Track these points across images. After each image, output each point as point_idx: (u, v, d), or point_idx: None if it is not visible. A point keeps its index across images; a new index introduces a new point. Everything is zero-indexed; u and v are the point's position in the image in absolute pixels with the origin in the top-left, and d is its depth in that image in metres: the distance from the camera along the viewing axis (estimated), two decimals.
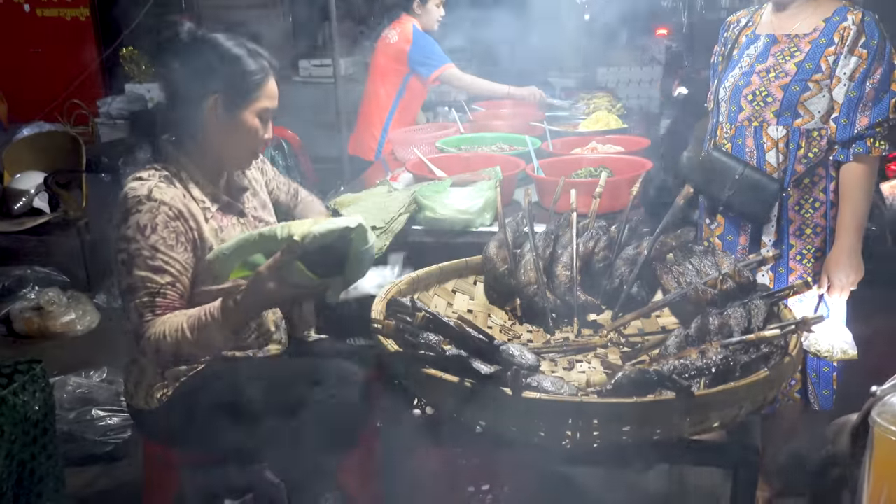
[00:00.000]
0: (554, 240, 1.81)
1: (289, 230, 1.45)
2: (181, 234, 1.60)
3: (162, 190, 1.60)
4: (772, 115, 2.01)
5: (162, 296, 1.57)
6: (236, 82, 1.64)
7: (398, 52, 3.65)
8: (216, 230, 1.69)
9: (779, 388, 1.25)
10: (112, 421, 2.66)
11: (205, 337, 1.52)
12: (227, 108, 1.65)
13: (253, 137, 1.69)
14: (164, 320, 1.55)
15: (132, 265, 1.56)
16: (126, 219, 1.57)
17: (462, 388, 1.19)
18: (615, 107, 3.58)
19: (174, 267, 1.59)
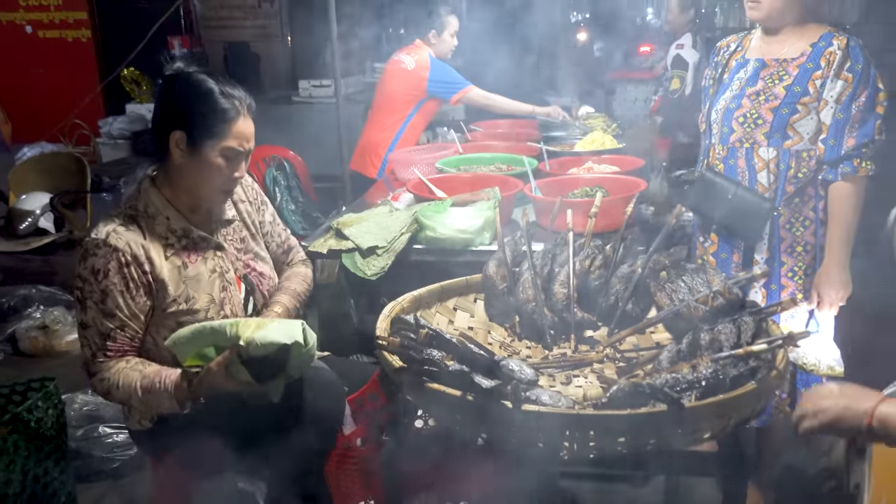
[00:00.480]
0: (551, 258, 1.87)
1: (236, 330, 1.56)
2: (131, 280, 1.66)
3: (119, 235, 1.65)
4: (762, 136, 2.09)
5: (112, 339, 1.67)
6: (201, 120, 1.67)
7: (415, 78, 3.77)
8: (179, 267, 1.74)
9: (766, 400, 1.31)
10: (118, 438, 2.70)
11: (154, 401, 1.64)
12: (190, 145, 1.68)
13: (217, 176, 1.71)
14: (118, 369, 1.65)
15: (85, 305, 1.66)
16: (84, 259, 1.65)
17: (464, 401, 1.25)
18: (610, 127, 3.66)
19: (123, 312, 1.66)
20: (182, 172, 1.72)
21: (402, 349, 1.35)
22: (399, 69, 3.84)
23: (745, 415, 1.27)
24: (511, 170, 2.96)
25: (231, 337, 1.56)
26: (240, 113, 1.71)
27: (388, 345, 1.37)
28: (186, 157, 1.70)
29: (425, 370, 1.31)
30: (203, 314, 1.75)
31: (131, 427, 1.79)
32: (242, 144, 1.72)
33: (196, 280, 1.74)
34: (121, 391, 1.65)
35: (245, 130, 1.72)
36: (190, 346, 1.62)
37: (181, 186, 1.75)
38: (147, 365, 1.69)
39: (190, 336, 1.62)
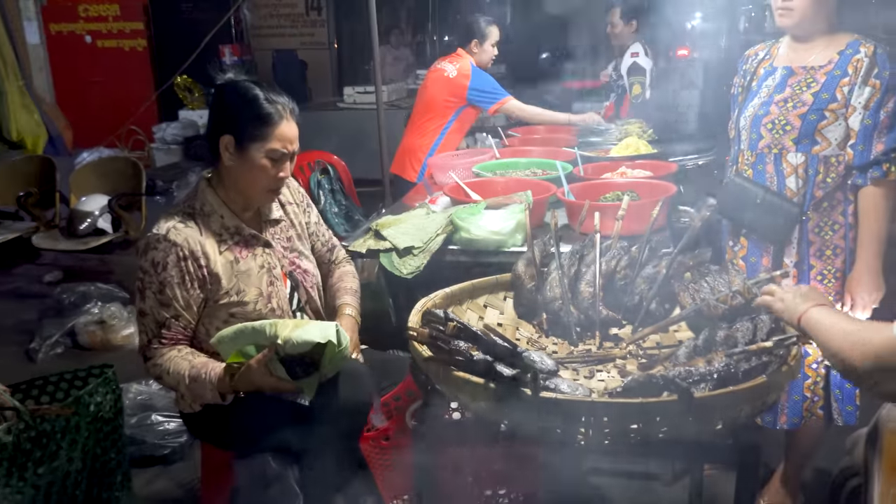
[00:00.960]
0: (579, 259, 1.94)
1: (275, 330, 1.69)
2: (187, 274, 1.80)
3: (178, 231, 1.80)
4: (790, 142, 2.12)
5: (166, 327, 1.81)
6: (246, 124, 1.81)
7: (456, 86, 3.89)
8: (231, 262, 1.88)
9: (777, 393, 1.37)
10: (170, 426, 2.85)
11: (199, 391, 1.78)
12: (237, 148, 1.82)
13: (263, 176, 1.84)
14: (170, 357, 1.80)
15: (144, 294, 1.81)
16: (146, 252, 1.80)
17: (487, 388, 1.34)
18: (646, 133, 3.70)
19: (178, 302, 1.80)
20: (232, 174, 1.86)
21: (431, 340, 1.45)
22: (441, 77, 3.96)
23: (756, 407, 1.33)
24: (545, 174, 3.04)
25: (270, 336, 1.68)
26: (283, 117, 1.83)
27: (418, 335, 1.47)
28: (235, 160, 1.83)
29: (452, 359, 1.40)
30: (252, 306, 1.88)
31: (182, 409, 1.93)
32: (286, 146, 1.84)
33: (246, 274, 1.88)
34: (170, 377, 1.79)
35: (288, 133, 1.84)
36: (232, 344, 1.75)
37: (233, 187, 1.89)
38: (196, 356, 1.82)
39: (232, 335, 1.75)
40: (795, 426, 2.26)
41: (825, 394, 2.22)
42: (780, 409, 2.24)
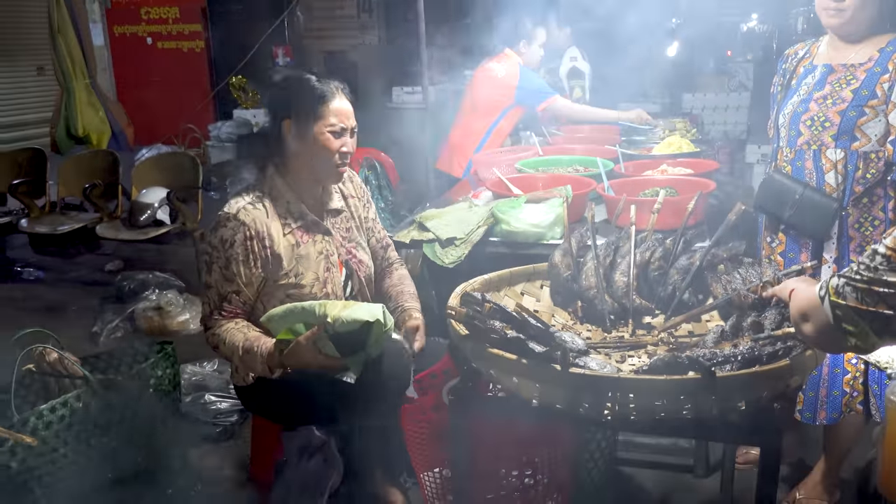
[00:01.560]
0: (614, 250, 2.01)
1: (325, 309, 1.78)
2: (251, 253, 1.93)
3: (247, 212, 1.92)
4: (830, 138, 2.15)
5: (228, 301, 1.94)
6: (303, 105, 1.94)
7: (505, 86, 3.98)
8: (293, 245, 1.99)
9: (801, 377, 1.41)
10: (222, 406, 3.01)
11: (250, 363, 1.89)
12: (298, 129, 1.95)
13: (327, 152, 1.96)
14: (227, 328, 1.92)
15: (211, 268, 1.93)
16: (216, 229, 1.93)
17: (519, 364, 1.42)
18: (689, 132, 3.72)
19: (241, 279, 1.93)
20: (299, 157, 1.98)
21: (468, 319, 1.54)
22: (489, 77, 4.05)
23: (778, 389, 1.38)
24: (587, 171, 3.10)
25: (319, 315, 1.78)
26: (335, 94, 1.96)
27: (457, 315, 1.56)
28: (299, 141, 1.96)
29: (487, 337, 1.48)
30: (308, 289, 2.00)
31: (237, 383, 2.06)
32: (343, 121, 1.97)
33: (306, 258, 2.00)
34: (226, 347, 1.92)
35: (343, 108, 1.97)
36: (282, 322, 1.86)
37: (299, 171, 2.01)
38: (251, 329, 1.94)
39: (282, 314, 1.86)
40: (834, 421, 2.27)
41: (864, 389, 2.23)
42: (820, 405, 2.26)
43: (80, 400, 1.93)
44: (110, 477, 1.97)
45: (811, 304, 1.21)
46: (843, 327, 1.13)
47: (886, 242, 1.08)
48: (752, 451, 2.61)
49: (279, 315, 1.86)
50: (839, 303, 1.12)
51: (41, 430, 1.84)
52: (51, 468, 1.87)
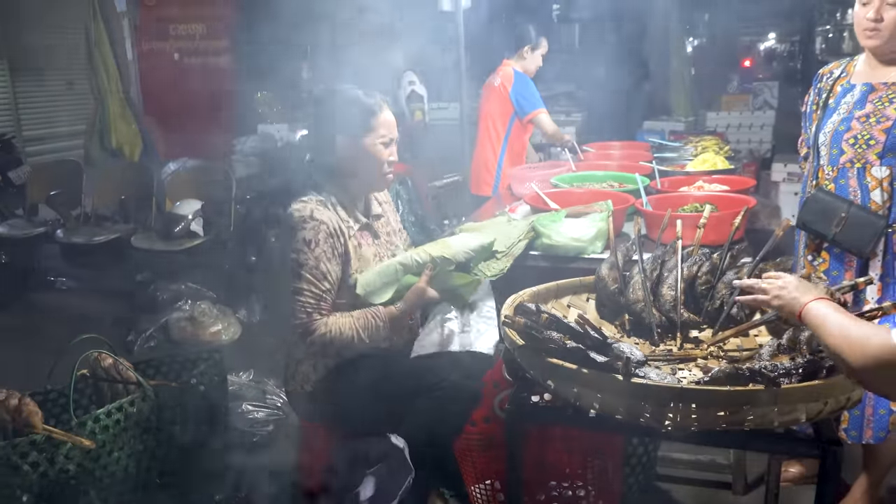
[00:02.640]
0: (661, 264, 2.03)
1: (427, 254, 2.00)
2: (336, 249, 1.99)
3: (320, 212, 1.99)
4: (875, 156, 2.16)
5: (324, 300, 1.97)
6: (356, 120, 2.04)
7: (502, 94, 4.04)
8: (356, 247, 2.07)
9: (862, 391, 1.42)
10: (258, 415, 3.03)
11: (375, 336, 1.98)
12: (353, 141, 2.04)
13: (379, 161, 2.07)
14: (334, 321, 1.97)
15: (300, 273, 1.96)
16: (295, 234, 1.97)
17: (580, 374, 1.44)
18: (722, 150, 3.74)
19: (332, 276, 1.99)
20: (351, 167, 2.06)
21: (525, 329, 1.56)
22: (491, 89, 4.11)
23: (840, 402, 1.39)
24: (623, 187, 3.12)
25: (424, 262, 2.02)
26: (382, 107, 2.07)
27: (514, 325, 1.58)
28: (351, 152, 2.04)
29: (546, 347, 1.51)
30: None
31: (292, 389, 2.09)
32: (391, 132, 2.08)
33: (366, 260, 2.07)
34: (343, 337, 1.97)
35: (389, 120, 2.08)
36: (383, 287, 2.01)
37: (350, 180, 2.09)
38: (349, 313, 2.00)
39: (377, 278, 2.01)
40: (881, 440, 2.26)
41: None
42: (866, 423, 2.26)
43: (134, 405, 1.97)
44: (161, 481, 1.99)
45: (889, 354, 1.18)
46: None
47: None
48: (791, 468, 2.61)
49: (377, 282, 2.01)
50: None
51: (98, 434, 1.87)
52: (106, 471, 1.90)
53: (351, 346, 1.98)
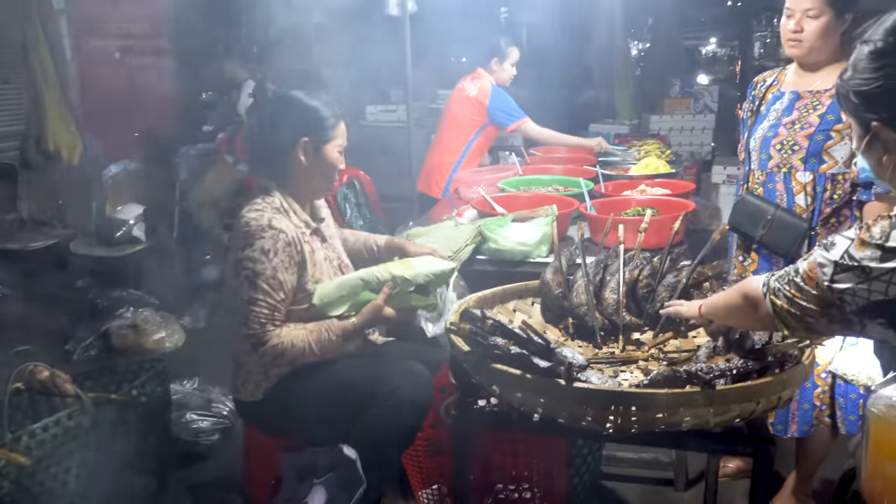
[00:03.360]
0: (603, 268, 2.07)
1: (389, 273, 2.00)
2: (292, 258, 1.96)
3: (278, 220, 1.97)
4: (799, 161, 2.26)
5: (279, 311, 1.96)
6: (319, 127, 2.04)
7: (477, 105, 4.06)
8: (310, 252, 2.04)
9: (792, 390, 1.48)
10: (203, 424, 2.98)
11: (326, 349, 1.97)
12: (314, 149, 2.04)
13: (335, 168, 2.09)
14: (286, 333, 1.95)
15: (255, 282, 1.93)
16: (251, 243, 1.93)
17: (524, 379, 1.46)
18: (664, 153, 3.84)
19: (288, 286, 1.96)
20: (307, 173, 2.05)
21: (470, 335, 1.58)
22: (463, 96, 4.12)
23: (772, 401, 1.44)
24: (568, 190, 3.17)
25: (384, 280, 1.99)
26: (340, 117, 2.09)
27: (459, 331, 1.59)
28: (313, 160, 2.04)
29: (491, 353, 1.52)
30: None
31: (242, 398, 2.06)
32: (345, 140, 2.11)
33: (319, 265, 2.05)
34: (295, 349, 1.95)
35: (345, 130, 2.11)
36: (339, 300, 2.00)
37: (303, 185, 2.08)
38: (303, 325, 1.98)
39: (337, 293, 2.00)
40: (805, 434, 2.35)
41: (831, 402, 2.32)
42: (791, 418, 2.34)
43: (71, 418, 1.92)
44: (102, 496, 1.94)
45: (756, 293, 1.36)
46: (780, 320, 1.30)
47: (804, 267, 1.24)
48: (729, 464, 2.69)
49: (333, 295, 1.99)
50: (776, 302, 1.29)
51: (34, 450, 1.82)
52: (43, 488, 1.85)
53: (303, 359, 1.97)
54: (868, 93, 1.17)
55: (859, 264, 1.13)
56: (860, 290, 1.13)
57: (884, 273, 1.10)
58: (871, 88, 1.16)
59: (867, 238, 1.14)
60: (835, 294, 1.17)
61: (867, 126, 1.20)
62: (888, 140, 1.17)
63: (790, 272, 1.28)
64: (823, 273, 1.18)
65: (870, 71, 1.15)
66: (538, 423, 1.52)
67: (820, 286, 1.19)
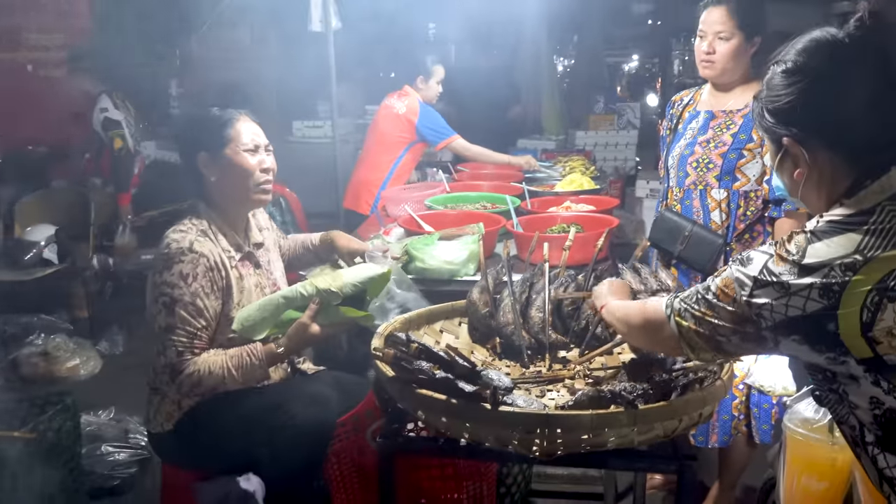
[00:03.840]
0: (529, 286, 2.07)
1: (314, 286, 1.85)
2: (214, 284, 1.88)
3: (201, 243, 1.87)
4: (714, 179, 2.33)
5: (199, 338, 1.86)
6: (211, 134, 1.94)
7: (405, 122, 4.05)
8: (238, 278, 1.96)
9: (712, 406, 1.50)
10: (120, 457, 2.82)
11: (248, 375, 1.86)
12: (215, 159, 1.94)
13: (246, 171, 1.95)
14: (204, 359, 1.85)
15: (173, 309, 1.83)
16: (170, 267, 1.84)
17: (449, 404, 1.44)
18: (588, 169, 3.91)
19: (209, 312, 1.86)
20: (221, 187, 1.95)
21: (395, 360, 1.54)
22: (391, 113, 4.11)
23: (693, 418, 1.46)
24: (495, 207, 3.18)
25: (310, 295, 1.85)
26: (237, 117, 1.97)
27: (384, 356, 1.56)
28: (218, 171, 1.93)
29: (415, 378, 1.49)
30: None
31: (152, 430, 1.96)
32: (254, 138, 1.97)
33: (248, 292, 1.97)
34: (213, 377, 1.84)
35: (251, 127, 1.98)
36: (262, 323, 1.87)
37: (226, 202, 1.98)
38: (223, 350, 1.88)
39: (258, 314, 1.87)
40: (725, 444, 2.42)
41: (747, 412, 2.39)
42: (711, 429, 2.40)
43: None
44: None
45: (658, 316, 1.35)
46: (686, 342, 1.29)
47: (717, 283, 1.23)
48: (656, 476, 2.73)
49: (254, 318, 1.86)
50: (682, 323, 1.28)
51: None
52: None
53: (224, 386, 1.87)
54: (780, 109, 1.19)
55: (778, 279, 1.13)
56: (778, 306, 1.13)
57: (802, 289, 1.10)
58: (783, 104, 1.18)
59: (784, 254, 1.14)
60: (752, 309, 1.16)
61: (780, 143, 1.22)
62: (798, 155, 1.20)
63: (699, 291, 1.27)
64: (741, 289, 1.18)
65: (782, 88, 1.18)
66: (465, 448, 1.50)
67: (737, 301, 1.18)
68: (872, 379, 1.06)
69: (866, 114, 1.12)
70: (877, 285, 1.04)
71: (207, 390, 1.87)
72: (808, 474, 1.55)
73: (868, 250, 1.06)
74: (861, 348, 1.06)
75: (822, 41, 1.15)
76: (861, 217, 1.10)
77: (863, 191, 1.12)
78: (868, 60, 1.11)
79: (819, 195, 1.20)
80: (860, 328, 1.05)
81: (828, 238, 1.11)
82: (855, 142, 1.14)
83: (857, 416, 1.12)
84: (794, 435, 1.52)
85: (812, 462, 1.64)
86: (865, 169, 1.13)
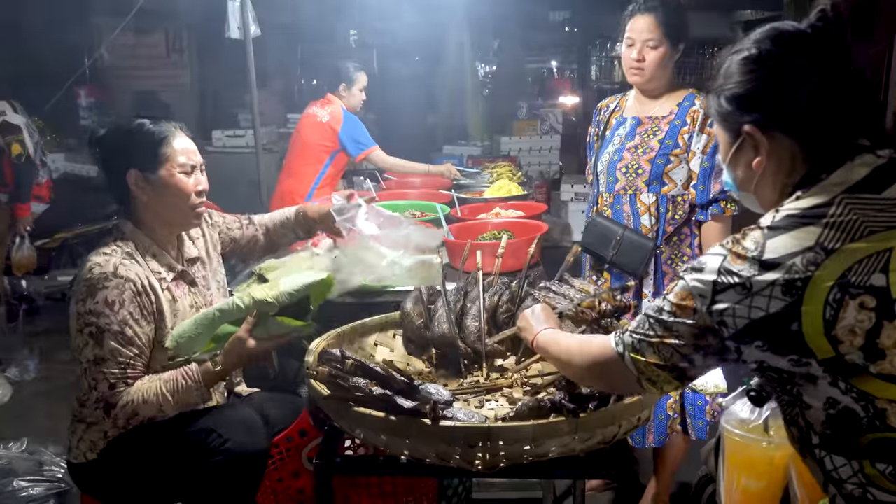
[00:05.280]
0: (464, 295, 2.05)
1: (251, 297, 1.74)
2: (144, 309, 1.76)
3: (126, 267, 1.76)
4: (643, 184, 2.37)
5: (132, 367, 1.75)
6: (146, 151, 1.82)
7: (328, 131, 3.98)
8: (170, 301, 1.85)
9: (649, 410, 1.52)
10: (34, 491, 2.66)
11: (185, 398, 1.75)
12: (145, 176, 1.81)
13: (183, 193, 1.84)
14: (137, 389, 1.73)
15: (101, 339, 1.71)
16: (94, 294, 1.72)
17: (388, 422, 1.40)
18: (516, 175, 3.93)
19: (140, 340, 1.75)
20: (153, 207, 1.84)
21: (330, 378, 1.49)
22: (314, 122, 4.03)
23: (632, 422, 1.47)
24: (424, 216, 3.15)
25: (248, 307, 1.74)
26: (174, 133, 1.85)
27: (318, 375, 1.50)
28: (150, 191, 1.82)
29: (352, 396, 1.44)
30: None
31: (74, 460, 1.83)
32: (190, 157, 1.86)
33: (183, 314, 1.86)
34: (148, 405, 1.72)
35: (187, 145, 1.86)
36: (198, 339, 1.76)
37: (155, 221, 1.86)
38: (157, 375, 1.77)
39: (193, 331, 1.76)
40: (661, 444, 2.46)
41: (682, 410, 2.44)
42: (648, 430, 2.44)
43: None
44: None
45: (608, 356, 1.26)
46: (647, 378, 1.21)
47: (672, 300, 1.16)
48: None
49: (188, 334, 1.76)
50: (639, 359, 1.20)
51: None
52: None
53: (161, 414, 1.76)
54: (740, 95, 1.16)
55: (739, 279, 1.08)
56: (741, 310, 1.08)
57: (764, 287, 1.05)
58: (744, 91, 1.16)
59: (741, 251, 1.09)
60: (714, 318, 1.10)
61: (738, 132, 1.19)
62: (758, 143, 1.16)
63: (649, 316, 1.19)
64: (701, 296, 1.11)
65: (742, 74, 1.16)
66: (406, 465, 1.46)
67: (698, 312, 1.12)
68: (831, 379, 1.04)
69: (827, 104, 1.11)
70: (838, 280, 1.02)
71: (145, 419, 1.76)
72: (746, 474, 1.57)
73: (828, 242, 1.03)
74: (824, 348, 1.03)
75: (785, 31, 1.14)
76: (819, 210, 1.07)
77: (820, 183, 1.10)
78: (830, 51, 1.11)
79: (774, 187, 1.17)
80: (823, 327, 1.02)
81: (787, 232, 1.07)
82: (815, 131, 1.12)
83: (805, 418, 1.10)
84: (731, 436, 1.55)
85: (750, 462, 1.67)
86: (823, 160, 1.12)
